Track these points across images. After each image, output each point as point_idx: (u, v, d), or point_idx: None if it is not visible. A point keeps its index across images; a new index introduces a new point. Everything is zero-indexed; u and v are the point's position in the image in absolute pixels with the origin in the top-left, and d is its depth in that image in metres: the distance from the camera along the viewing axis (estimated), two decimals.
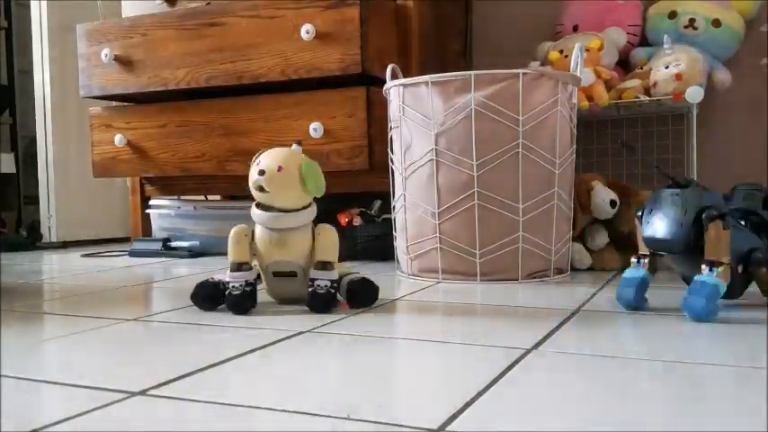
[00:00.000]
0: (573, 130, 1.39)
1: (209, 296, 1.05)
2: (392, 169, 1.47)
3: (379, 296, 1.12)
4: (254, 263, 1.08)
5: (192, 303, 1.07)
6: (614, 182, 1.52)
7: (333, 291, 1.03)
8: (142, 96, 1.97)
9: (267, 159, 1.04)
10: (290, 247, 1.04)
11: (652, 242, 0.98)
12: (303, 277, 1.07)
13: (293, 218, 1.04)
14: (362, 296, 1.07)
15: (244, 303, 1.02)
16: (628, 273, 1.01)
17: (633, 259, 1.02)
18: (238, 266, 1.04)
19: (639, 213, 1.01)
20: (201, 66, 1.82)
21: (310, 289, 1.03)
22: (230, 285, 1.03)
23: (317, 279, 1.03)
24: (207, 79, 1.82)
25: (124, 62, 1.93)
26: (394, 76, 1.45)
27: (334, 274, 1.04)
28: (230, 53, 1.79)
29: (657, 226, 0.97)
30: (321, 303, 1.02)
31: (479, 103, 1.28)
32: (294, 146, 1.07)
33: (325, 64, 1.67)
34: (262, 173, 1.02)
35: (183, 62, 1.85)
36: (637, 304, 0.99)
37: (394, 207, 1.47)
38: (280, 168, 1.02)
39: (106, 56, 1.94)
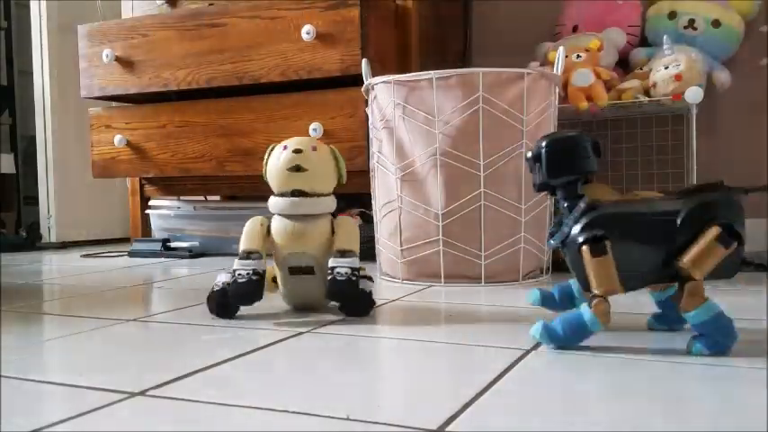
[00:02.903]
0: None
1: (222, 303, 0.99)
2: (375, 171, 1.41)
3: (378, 297, 1.11)
4: (271, 265, 1.03)
5: (193, 304, 1.07)
6: None
7: (354, 278, 0.95)
8: (142, 97, 1.97)
9: (294, 142, 1.01)
10: (308, 237, 0.99)
11: None
12: (320, 278, 1.01)
13: (314, 202, 1.00)
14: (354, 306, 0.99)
15: (249, 293, 0.95)
16: None
17: None
18: (247, 254, 0.98)
19: None
20: (202, 66, 1.82)
21: (329, 277, 0.95)
22: (236, 273, 0.96)
23: (336, 267, 0.95)
24: (207, 80, 1.82)
25: (125, 63, 1.93)
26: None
27: (356, 262, 0.97)
28: (231, 54, 1.78)
29: None
30: (341, 290, 0.94)
31: (487, 102, 1.26)
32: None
33: (326, 65, 1.67)
34: (298, 151, 0.99)
35: (184, 63, 1.85)
36: None
37: (376, 211, 1.42)
38: (314, 148, 1.00)
39: (107, 56, 1.94)
